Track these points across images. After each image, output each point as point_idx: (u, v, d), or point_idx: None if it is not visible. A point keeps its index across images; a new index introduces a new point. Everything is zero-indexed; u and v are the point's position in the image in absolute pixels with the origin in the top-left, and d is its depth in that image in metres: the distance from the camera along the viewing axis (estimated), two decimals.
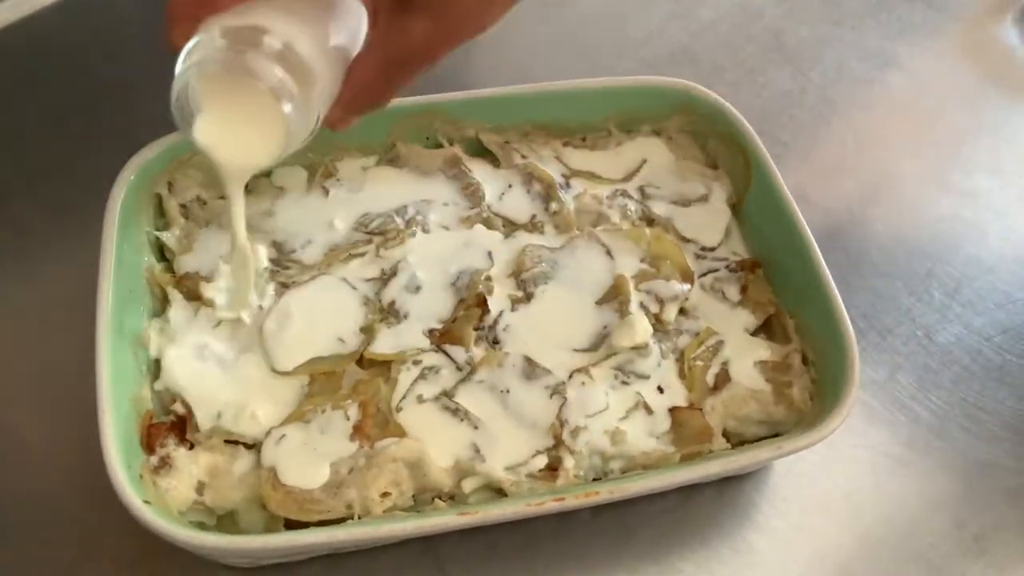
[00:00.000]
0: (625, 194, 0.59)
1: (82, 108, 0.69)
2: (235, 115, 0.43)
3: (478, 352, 0.52)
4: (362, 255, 0.55)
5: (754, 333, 0.54)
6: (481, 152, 0.61)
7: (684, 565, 0.51)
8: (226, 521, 0.48)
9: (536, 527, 0.50)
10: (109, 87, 0.71)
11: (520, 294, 0.54)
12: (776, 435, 0.50)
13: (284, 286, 0.53)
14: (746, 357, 0.52)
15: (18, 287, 0.60)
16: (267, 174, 0.58)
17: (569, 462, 0.48)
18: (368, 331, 0.52)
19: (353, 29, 0.44)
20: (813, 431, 0.47)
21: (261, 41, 0.40)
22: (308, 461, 0.47)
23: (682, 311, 0.54)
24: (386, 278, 0.54)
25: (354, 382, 0.50)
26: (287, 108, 0.41)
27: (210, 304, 0.52)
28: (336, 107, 0.43)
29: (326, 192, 0.57)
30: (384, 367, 0.51)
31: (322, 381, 0.50)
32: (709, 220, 0.58)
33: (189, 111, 0.43)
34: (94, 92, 0.71)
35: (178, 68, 0.41)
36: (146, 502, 0.43)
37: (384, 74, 0.43)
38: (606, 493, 0.45)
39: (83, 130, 0.68)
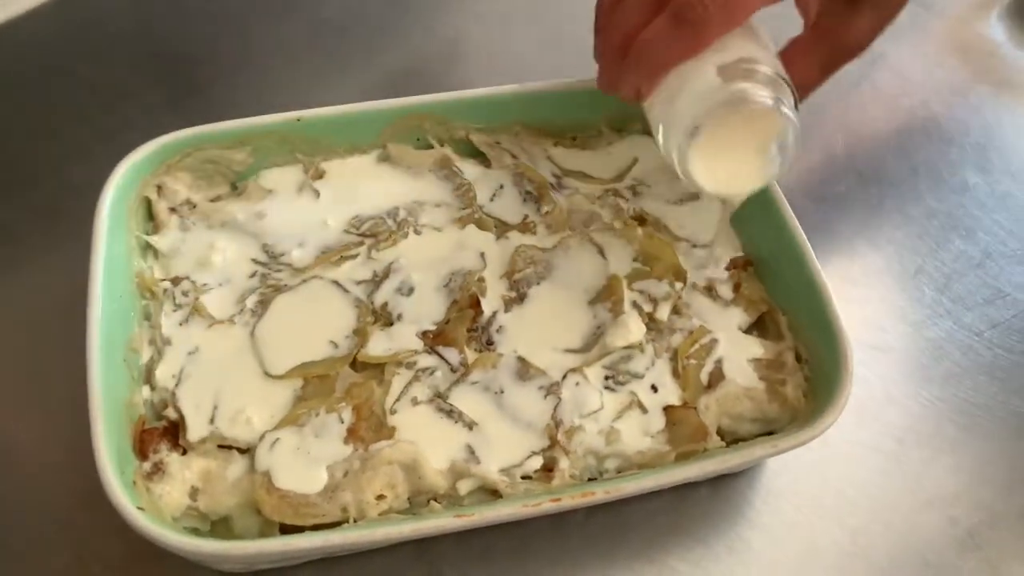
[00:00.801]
0: (617, 193, 0.59)
1: (68, 111, 0.69)
2: (735, 147, 0.48)
3: (471, 353, 0.51)
4: (354, 257, 0.55)
5: (747, 331, 0.54)
6: (472, 153, 0.60)
7: (679, 564, 0.51)
8: (220, 527, 0.48)
9: (531, 528, 0.50)
10: (94, 90, 0.71)
11: (513, 295, 0.54)
12: (770, 433, 0.51)
13: (276, 289, 0.53)
14: (739, 355, 0.52)
15: (6, 293, 0.60)
16: (257, 175, 0.58)
17: (564, 462, 0.48)
18: (361, 334, 0.52)
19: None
20: (807, 428, 0.47)
21: (755, 71, 0.45)
22: (302, 465, 0.47)
23: (675, 310, 0.54)
24: (378, 280, 0.54)
25: (347, 385, 0.50)
26: (791, 119, 0.46)
27: (201, 308, 0.52)
28: None
29: (317, 194, 0.57)
30: (377, 370, 0.51)
31: (315, 384, 0.50)
32: (701, 219, 0.58)
33: (688, 153, 0.47)
34: (80, 95, 0.70)
35: (677, 121, 0.46)
36: (140, 508, 0.43)
37: (827, 67, 0.49)
38: (602, 493, 0.45)
39: (69, 134, 0.68)
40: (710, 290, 0.55)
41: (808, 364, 0.52)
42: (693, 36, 0.44)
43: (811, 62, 0.48)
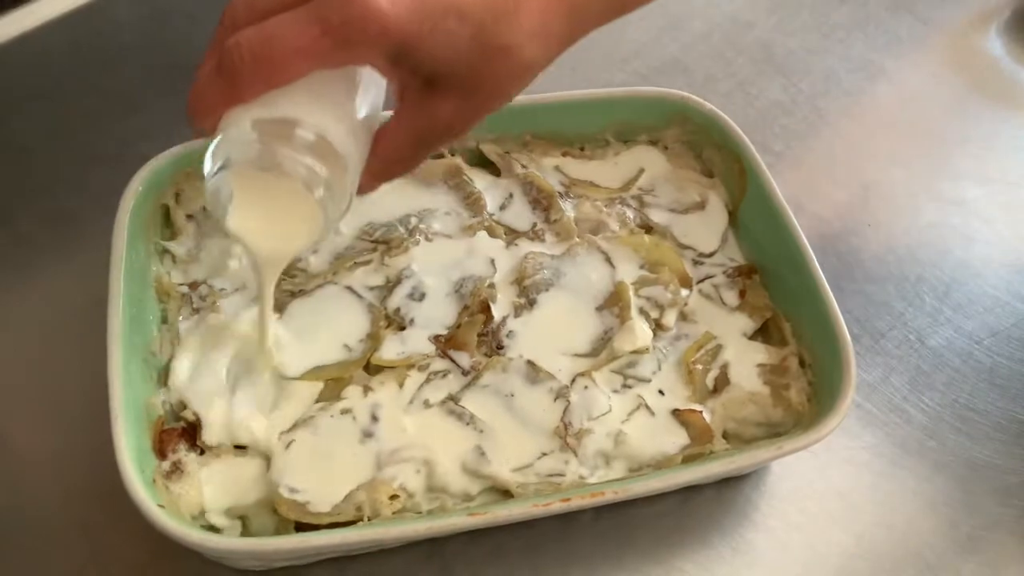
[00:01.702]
0: (624, 202, 0.60)
1: (84, 120, 0.70)
2: (270, 205, 0.44)
3: (482, 358, 0.53)
4: (367, 263, 0.56)
5: (752, 337, 0.55)
6: (482, 162, 0.62)
7: (685, 565, 0.52)
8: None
9: (541, 529, 0.51)
10: (110, 99, 0.72)
11: (523, 300, 0.55)
12: (774, 436, 0.52)
13: (291, 294, 0.54)
14: (744, 360, 0.53)
15: (25, 298, 0.60)
16: None
17: (574, 464, 0.49)
18: (374, 338, 0.53)
19: (375, 97, 0.44)
20: (811, 432, 0.48)
21: (293, 135, 0.41)
22: (318, 466, 0.48)
23: (681, 316, 0.55)
24: (391, 286, 0.55)
25: (361, 387, 0.51)
26: (319, 195, 0.41)
27: (217, 312, 0.53)
28: (365, 175, 0.44)
29: None
30: (390, 372, 0.52)
31: (330, 386, 0.51)
32: (706, 227, 0.59)
33: (222, 201, 0.43)
34: (96, 105, 0.71)
35: (209, 162, 0.42)
36: (160, 506, 0.44)
37: (413, 147, 0.44)
38: (611, 494, 0.46)
39: (86, 142, 0.69)
40: (715, 297, 0.56)
41: (811, 369, 0.53)
42: (228, 86, 0.40)
43: (402, 138, 0.44)
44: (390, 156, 0.44)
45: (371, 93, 0.44)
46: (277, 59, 0.39)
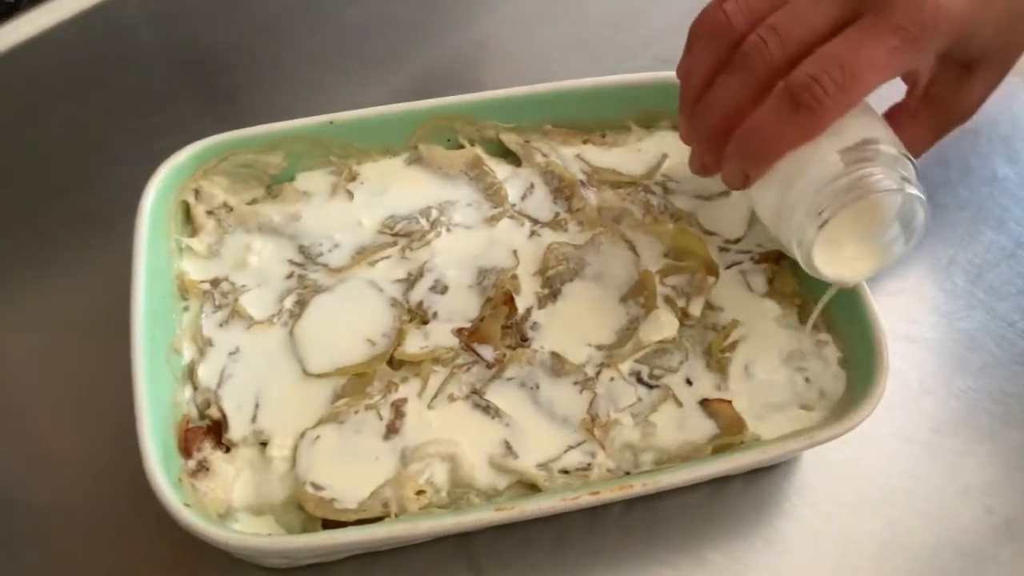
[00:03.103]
0: (647, 189, 0.59)
1: (103, 119, 0.70)
2: (858, 232, 0.46)
3: (506, 350, 0.52)
4: (388, 257, 0.56)
5: (781, 324, 0.54)
6: (502, 152, 0.61)
7: (716, 556, 0.51)
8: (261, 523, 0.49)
9: (569, 522, 0.51)
10: (128, 97, 0.72)
11: (546, 292, 0.54)
12: (805, 425, 0.51)
13: (313, 290, 0.54)
14: (774, 348, 0.52)
15: (46, 297, 0.61)
16: (291, 179, 0.59)
17: (601, 456, 0.49)
18: (397, 332, 0.52)
19: None
20: (844, 420, 0.47)
21: (879, 152, 0.43)
22: (343, 462, 0.48)
23: (708, 304, 0.54)
24: (413, 279, 0.55)
25: (385, 382, 0.51)
26: (921, 197, 0.44)
27: (240, 309, 0.53)
28: None
29: (350, 195, 0.58)
30: (414, 367, 0.51)
31: (354, 382, 0.51)
32: (731, 213, 0.58)
33: (814, 242, 0.45)
34: (114, 103, 0.71)
35: (804, 211, 0.44)
36: (186, 505, 0.44)
37: (938, 133, 0.47)
38: (640, 486, 0.46)
39: (105, 140, 0.69)
40: (743, 284, 0.55)
41: (843, 356, 0.52)
42: (811, 121, 0.41)
43: (922, 130, 0.46)
44: (912, 146, 0.45)
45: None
46: (860, 82, 0.40)
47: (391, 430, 0.49)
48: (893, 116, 0.47)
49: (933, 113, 0.45)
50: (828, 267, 0.47)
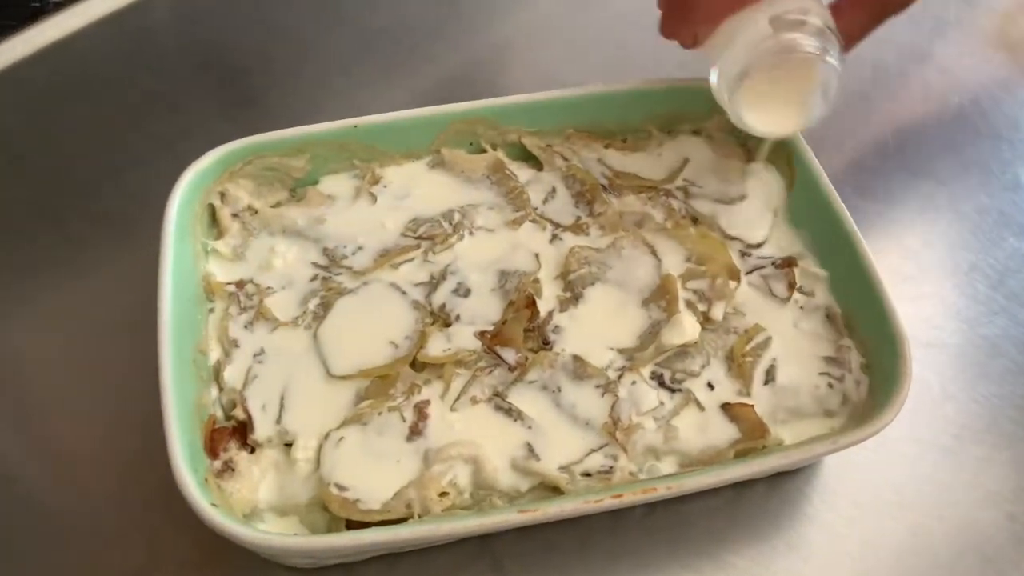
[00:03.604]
0: (668, 194, 0.59)
1: (127, 122, 0.71)
2: (781, 93, 0.52)
3: (528, 353, 0.52)
4: (411, 260, 0.56)
5: (802, 329, 0.54)
6: (524, 156, 0.61)
7: (738, 560, 0.51)
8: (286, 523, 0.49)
9: (591, 525, 0.51)
10: (152, 101, 0.73)
11: (568, 295, 0.55)
12: (828, 430, 0.51)
13: (337, 292, 0.54)
14: (796, 352, 0.53)
15: (72, 298, 0.61)
16: (315, 182, 0.59)
17: (623, 460, 0.49)
18: (420, 335, 0.53)
19: None
20: (867, 425, 0.47)
21: (805, 22, 0.49)
22: (367, 463, 0.48)
23: (730, 308, 0.54)
24: (435, 282, 0.55)
25: (408, 384, 0.51)
26: (836, 67, 0.50)
27: (265, 311, 0.53)
28: None
29: (374, 199, 0.58)
30: (437, 369, 0.52)
31: (377, 384, 0.51)
32: (753, 218, 0.58)
33: (737, 94, 0.52)
34: (138, 106, 0.72)
35: (719, 73, 0.51)
36: (213, 505, 0.44)
37: (874, 18, 0.52)
38: (663, 489, 0.46)
39: (129, 143, 0.69)
40: (764, 288, 0.55)
41: (865, 361, 0.52)
42: None
43: (859, 14, 0.51)
44: (850, 32, 0.51)
45: None
46: None
47: (414, 432, 0.49)
48: (836, 3, 0.53)
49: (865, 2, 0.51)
50: (755, 121, 0.54)
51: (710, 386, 0.52)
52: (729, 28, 0.51)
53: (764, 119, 0.54)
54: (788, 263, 0.56)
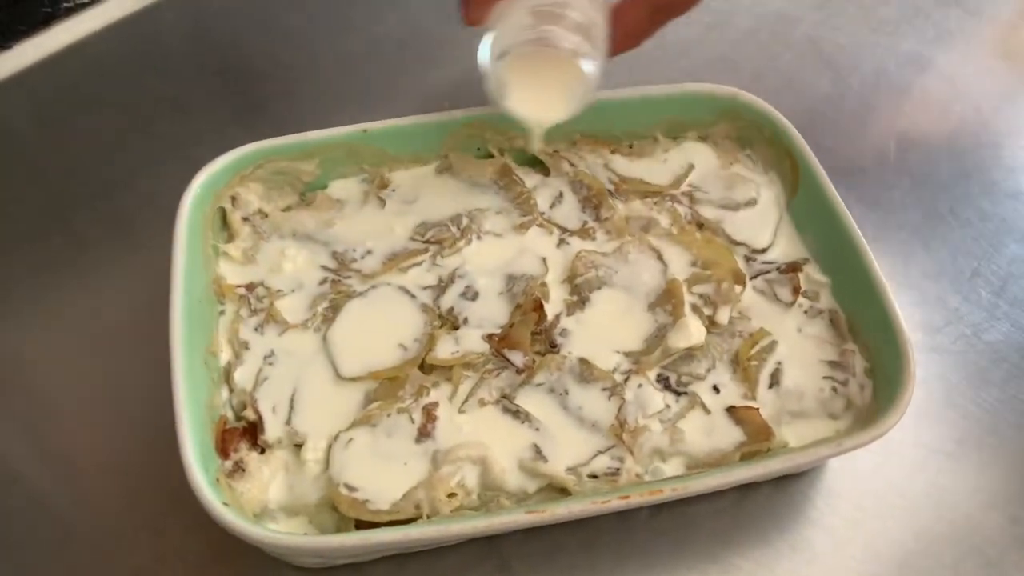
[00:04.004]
0: (674, 199, 0.60)
1: (137, 126, 0.71)
2: (541, 82, 0.52)
3: (536, 356, 0.53)
4: (419, 264, 0.57)
5: (807, 333, 0.55)
6: (531, 162, 0.62)
7: (743, 562, 0.51)
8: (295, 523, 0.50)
9: (598, 526, 0.51)
10: (163, 105, 0.73)
11: (575, 299, 0.55)
12: (832, 433, 0.51)
13: (346, 295, 0.55)
14: (800, 356, 0.53)
15: (85, 300, 0.62)
16: (324, 186, 0.60)
17: (630, 462, 0.49)
18: (428, 337, 0.53)
19: None
20: (871, 429, 0.48)
21: (565, 15, 0.49)
22: (376, 464, 0.49)
23: (735, 312, 0.55)
24: (444, 285, 0.56)
25: (417, 386, 0.51)
26: (588, 68, 0.50)
27: (276, 313, 0.54)
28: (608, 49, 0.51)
29: (382, 203, 0.59)
30: (445, 371, 0.52)
31: (386, 386, 0.52)
32: (758, 223, 0.59)
33: (501, 79, 0.51)
34: (149, 110, 0.73)
35: (487, 51, 0.50)
36: (225, 504, 0.45)
37: (650, 19, 0.51)
38: (669, 491, 0.46)
39: (140, 147, 0.70)
40: (769, 293, 0.56)
41: (869, 365, 0.52)
42: None
43: (640, 13, 0.51)
44: (630, 30, 0.51)
45: None
46: None
47: (423, 433, 0.50)
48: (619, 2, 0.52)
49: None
50: (515, 107, 0.53)
51: (716, 389, 0.52)
52: (498, 11, 0.50)
53: (522, 105, 0.53)
54: (793, 268, 0.57)
